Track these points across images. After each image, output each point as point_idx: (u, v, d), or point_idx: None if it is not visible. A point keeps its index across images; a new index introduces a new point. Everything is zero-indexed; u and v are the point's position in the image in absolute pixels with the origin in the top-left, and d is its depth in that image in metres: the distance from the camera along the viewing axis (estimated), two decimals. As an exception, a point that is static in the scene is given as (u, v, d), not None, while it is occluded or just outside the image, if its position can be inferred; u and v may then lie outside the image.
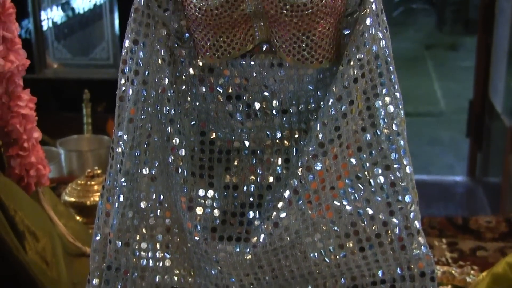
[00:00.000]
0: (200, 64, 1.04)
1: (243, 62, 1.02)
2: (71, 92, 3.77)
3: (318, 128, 0.97)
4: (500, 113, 3.62)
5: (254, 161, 1.06)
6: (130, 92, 1.02)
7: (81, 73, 3.88)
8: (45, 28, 4.01)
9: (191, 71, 1.05)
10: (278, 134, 1.05)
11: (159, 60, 1.02)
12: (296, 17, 0.94)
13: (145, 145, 1.05)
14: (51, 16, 4.06)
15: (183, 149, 1.04)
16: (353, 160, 1.00)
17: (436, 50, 7.61)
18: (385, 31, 0.99)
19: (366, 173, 1.01)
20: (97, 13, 4.02)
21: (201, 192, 1.05)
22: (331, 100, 0.97)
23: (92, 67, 3.86)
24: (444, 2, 8.20)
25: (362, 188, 1.01)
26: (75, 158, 2.27)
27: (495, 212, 3.51)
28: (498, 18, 3.85)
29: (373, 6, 0.96)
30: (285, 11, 0.93)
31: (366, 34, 0.96)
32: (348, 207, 1.01)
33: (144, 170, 1.06)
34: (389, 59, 0.99)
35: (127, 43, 1.03)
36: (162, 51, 1.02)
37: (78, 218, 1.69)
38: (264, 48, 1.01)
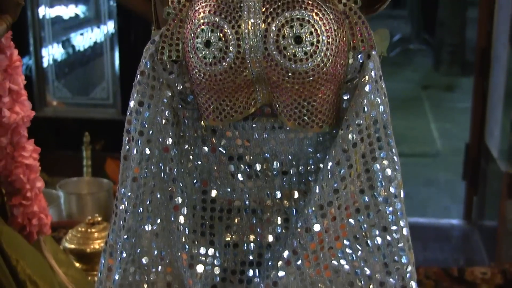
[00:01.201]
0: (203, 125, 1.07)
1: (245, 124, 1.05)
2: (70, 131, 3.80)
3: (317, 191, 1.00)
4: (496, 158, 3.65)
5: (255, 220, 1.09)
6: (135, 152, 1.05)
7: (81, 112, 3.91)
8: (45, 65, 4.04)
9: (194, 131, 1.08)
10: (278, 195, 1.08)
11: (163, 120, 1.05)
12: (298, 84, 0.97)
13: (148, 202, 1.07)
14: (52, 53, 4.09)
15: (185, 208, 1.07)
16: (351, 221, 1.03)
17: (433, 91, 7.66)
18: (383, 97, 1.02)
19: (364, 234, 1.04)
20: (97, 50, 4.06)
21: (202, 250, 1.07)
22: (330, 164, 1.00)
23: (91, 106, 3.89)
24: (441, 43, 8.27)
25: (359, 248, 1.04)
26: (74, 201, 2.29)
27: (491, 257, 3.52)
28: (494, 64, 3.90)
29: (372, 73, 0.99)
30: (287, 78, 0.97)
31: (365, 100, 0.99)
32: (346, 267, 1.03)
33: (146, 226, 1.08)
34: (387, 124, 1.02)
35: (132, 103, 1.05)
36: (167, 112, 1.05)
37: (78, 265, 1.70)
38: (265, 111, 1.04)
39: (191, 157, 1.09)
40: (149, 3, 1.14)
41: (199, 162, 1.09)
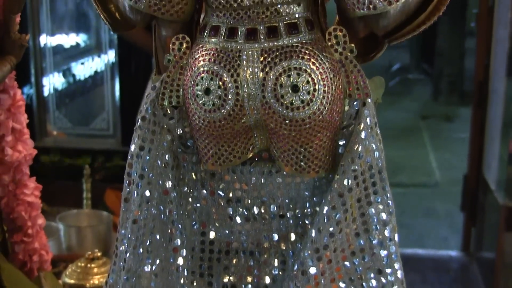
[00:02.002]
0: (202, 169, 1.09)
1: (244, 169, 1.07)
2: (70, 161, 3.82)
3: (313, 234, 1.02)
4: (493, 190, 3.67)
5: (252, 262, 1.11)
6: (135, 195, 1.07)
7: (81, 142, 3.93)
8: (46, 94, 4.07)
9: (193, 175, 1.10)
10: (276, 237, 1.10)
11: (163, 164, 1.08)
12: (295, 131, 1.00)
13: (148, 243, 1.09)
14: (53, 82, 4.12)
15: (184, 249, 1.09)
16: (347, 264, 1.05)
17: (432, 121, 7.69)
18: (378, 143, 1.04)
19: (359, 276, 1.06)
20: (98, 80, 4.09)
21: None
22: (326, 208, 1.02)
23: (92, 137, 3.92)
24: (440, 73, 8.32)
25: (355, 290, 1.06)
26: (74, 233, 2.30)
27: (489, 289, 3.53)
28: (492, 97, 3.93)
29: (368, 120, 1.02)
30: (284, 126, 0.99)
31: (360, 146, 1.02)
32: (342, 308, 1.05)
33: (146, 267, 1.10)
34: (382, 169, 1.05)
35: (133, 147, 1.08)
36: (167, 156, 1.08)
37: (77, 300, 1.72)
38: (263, 156, 1.07)
39: (190, 199, 1.11)
40: (149, 35, 1.17)
41: (198, 205, 1.11)
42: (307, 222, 1.09)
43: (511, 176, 3.57)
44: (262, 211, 1.09)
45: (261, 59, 0.99)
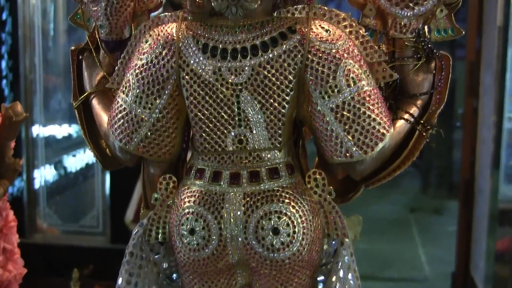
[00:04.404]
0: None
1: None
2: (59, 258, 3.83)
3: None
4: (481, 290, 3.69)
5: None
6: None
7: (70, 239, 3.94)
8: (37, 186, 4.09)
9: (179, 305, 1.14)
10: None
11: (150, 296, 1.12)
12: (275, 270, 1.04)
13: None
14: (44, 174, 4.14)
15: None
16: None
17: (421, 214, 7.71)
18: (356, 280, 1.08)
19: None
20: (89, 172, 4.12)
21: None
22: None
23: (81, 234, 3.93)
24: (428, 166, 8.40)
25: None
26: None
27: None
28: (478, 195, 3.99)
29: (346, 259, 1.07)
30: (265, 265, 1.04)
31: (338, 284, 1.06)
32: None
33: None
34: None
35: (120, 281, 1.12)
36: None
37: None
38: None
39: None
40: None
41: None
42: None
43: (498, 275, 3.59)
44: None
45: (244, 203, 1.04)
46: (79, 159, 4.22)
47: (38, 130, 4.04)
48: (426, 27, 1.13)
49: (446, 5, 1.13)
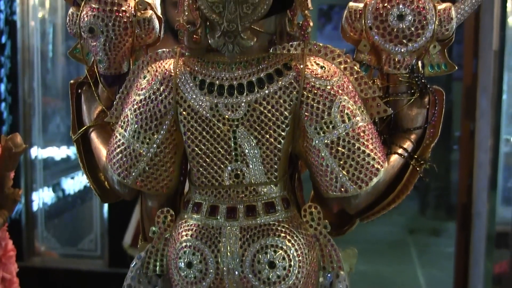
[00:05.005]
0: None
1: None
2: (58, 281, 3.83)
3: None
4: (479, 316, 3.68)
5: None
6: None
7: (69, 262, 3.94)
8: (35, 209, 4.08)
9: None
10: None
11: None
12: None
13: None
14: (42, 196, 4.14)
15: None
16: None
17: (419, 235, 7.71)
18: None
19: None
20: (87, 195, 4.12)
21: None
22: None
23: (79, 257, 3.93)
24: (427, 187, 8.40)
25: None
26: None
27: None
28: (475, 219, 3.99)
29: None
30: None
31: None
32: None
33: None
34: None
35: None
36: None
37: None
38: None
39: None
40: None
41: None
42: None
43: (496, 299, 3.60)
44: None
45: (240, 236, 1.06)
46: (77, 181, 4.21)
47: (37, 152, 4.04)
48: (419, 63, 1.16)
49: (439, 41, 1.15)
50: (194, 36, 1.12)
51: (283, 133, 1.08)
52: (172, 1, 2.75)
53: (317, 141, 1.07)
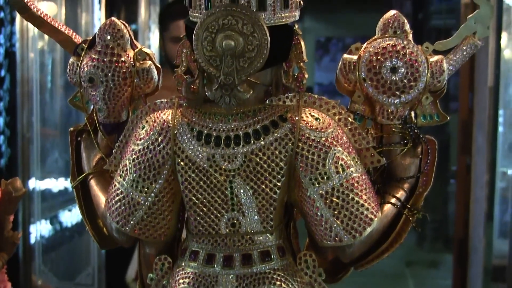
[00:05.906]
0: None
1: None
2: (55, 317, 3.82)
3: None
4: None
5: None
6: None
7: (66, 297, 3.94)
8: (32, 241, 4.08)
9: None
10: None
11: None
12: None
13: None
14: (40, 229, 4.14)
15: None
16: None
17: (417, 267, 7.70)
18: None
19: None
20: (84, 228, 4.10)
21: None
22: None
23: (77, 292, 3.93)
24: (424, 219, 8.39)
25: None
26: None
27: None
28: (472, 255, 4.00)
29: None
30: None
31: None
32: None
33: None
34: None
35: None
36: None
37: None
38: None
39: None
40: None
41: None
42: None
43: None
44: None
45: (236, 285, 1.08)
46: (75, 214, 4.21)
47: (35, 184, 4.04)
48: (412, 113, 1.19)
49: (431, 92, 1.18)
50: (192, 86, 1.15)
51: (278, 184, 1.10)
52: (170, 37, 2.80)
53: (312, 192, 1.09)
